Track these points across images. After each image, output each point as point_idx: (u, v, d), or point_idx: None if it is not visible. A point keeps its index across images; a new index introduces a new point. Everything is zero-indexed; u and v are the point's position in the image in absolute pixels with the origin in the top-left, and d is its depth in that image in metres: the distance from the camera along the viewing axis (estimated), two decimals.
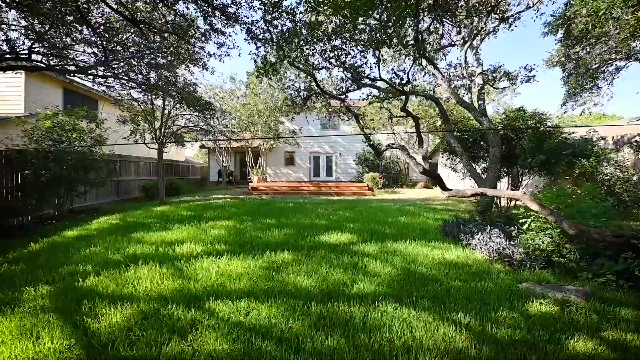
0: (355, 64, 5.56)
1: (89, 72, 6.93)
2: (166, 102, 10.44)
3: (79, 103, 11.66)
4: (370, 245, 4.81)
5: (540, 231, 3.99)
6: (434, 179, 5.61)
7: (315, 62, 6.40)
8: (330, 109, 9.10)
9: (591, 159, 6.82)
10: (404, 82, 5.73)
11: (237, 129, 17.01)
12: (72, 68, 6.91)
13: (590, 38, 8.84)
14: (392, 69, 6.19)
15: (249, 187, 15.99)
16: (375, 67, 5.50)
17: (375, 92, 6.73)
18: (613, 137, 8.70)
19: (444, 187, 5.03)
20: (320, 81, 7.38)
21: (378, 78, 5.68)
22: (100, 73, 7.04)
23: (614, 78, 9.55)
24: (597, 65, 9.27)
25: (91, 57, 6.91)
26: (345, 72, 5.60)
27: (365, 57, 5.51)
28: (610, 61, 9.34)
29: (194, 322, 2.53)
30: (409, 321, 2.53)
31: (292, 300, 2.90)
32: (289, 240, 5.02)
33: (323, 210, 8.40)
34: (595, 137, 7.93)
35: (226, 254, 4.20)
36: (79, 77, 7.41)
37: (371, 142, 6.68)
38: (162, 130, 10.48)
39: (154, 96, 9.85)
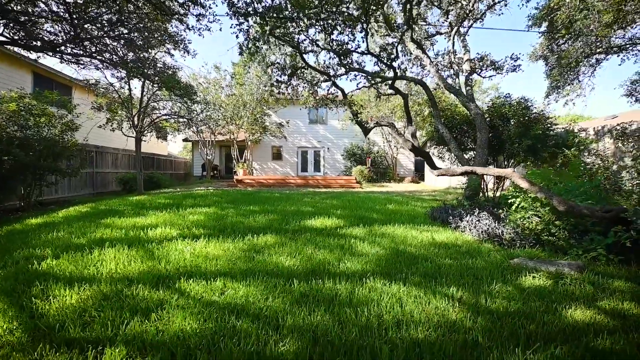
0: (343, 41, 5.34)
1: (57, 49, 6.41)
2: (145, 88, 9.87)
3: (51, 89, 10.95)
4: (358, 228, 4.62)
5: (529, 209, 3.92)
6: (423, 156, 5.50)
7: (302, 45, 6.14)
8: (317, 97, 8.87)
9: (573, 149, 6.93)
10: (392, 56, 5.55)
11: (222, 120, 16.47)
12: (39, 44, 6.37)
13: (572, 32, 9.02)
14: (381, 45, 5.99)
15: (234, 180, 15.56)
16: (364, 41, 5.28)
17: (363, 75, 6.53)
18: (594, 127, 8.92)
19: (433, 166, 4.92)
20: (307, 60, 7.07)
21: (366, 52, 5.46)
22: (69, 51, 6.52)
23: (595, 69, 9.77)
24: (578, 56, 9.46)
25: (60, 31, 6.39)
26: (331, 45, 5.32)
27: (353, 35, 5.29)
28: (591, 54, 9.55)
29: (161, 302, 2.26)
30: (398, 296, 2.35)
31: (272, 279, 2.66)
32: (273, 225, 4.76)
33: (310, 199, 8.17)
34: (576, 128, 8.12)
35: (204, 237, 3.91)
36: (47, 55, 6.80)
37: (359, 120, 6.48)
38: (140, 117, 9.93)
39: (131, 79, 9.27)
